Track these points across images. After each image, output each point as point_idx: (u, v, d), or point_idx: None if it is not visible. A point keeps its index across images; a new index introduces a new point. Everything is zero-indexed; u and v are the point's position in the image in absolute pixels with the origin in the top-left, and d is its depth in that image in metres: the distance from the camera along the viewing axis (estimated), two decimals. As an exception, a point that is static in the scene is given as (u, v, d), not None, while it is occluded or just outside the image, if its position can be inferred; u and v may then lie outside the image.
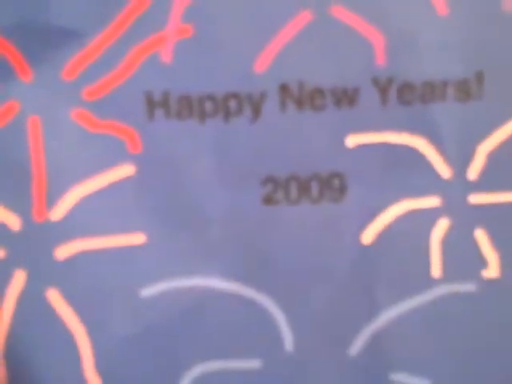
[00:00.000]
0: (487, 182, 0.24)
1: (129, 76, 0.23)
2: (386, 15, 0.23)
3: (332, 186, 0.24)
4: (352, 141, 0.24)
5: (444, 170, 0.24)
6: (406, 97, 0.23)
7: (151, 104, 0.23)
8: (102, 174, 0.24)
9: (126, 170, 0.24)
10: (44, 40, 0.23)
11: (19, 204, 0.24)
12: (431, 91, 0.23)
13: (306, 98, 0.23)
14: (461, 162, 0.24)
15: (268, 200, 0.24)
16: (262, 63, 0.23)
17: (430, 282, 0.24)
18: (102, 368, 0.25)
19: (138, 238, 0.24)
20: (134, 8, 0.22)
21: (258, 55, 0.23)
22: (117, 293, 0.24)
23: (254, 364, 0.25)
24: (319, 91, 0.23)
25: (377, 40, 0.23)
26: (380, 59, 0.23)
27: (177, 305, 0.25)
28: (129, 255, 0.24)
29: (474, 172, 0.24)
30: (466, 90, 0.23)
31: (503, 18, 0.23)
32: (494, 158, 0.24)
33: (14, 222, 0.24)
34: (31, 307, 0.24)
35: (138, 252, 0.24)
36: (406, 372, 0.25)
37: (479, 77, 0.23)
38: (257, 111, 0.24)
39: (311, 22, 0.23)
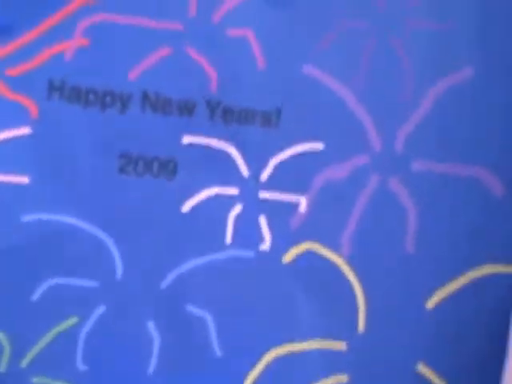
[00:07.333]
0: (273, 184, 0.35)
1: (39, 64, 0.33)
2: (220, 57, 0.34)
3: (168, 167, 0.35)
4: (186, 140, 0.35)
5: (244, 171, 0.35)
6: (227, 117, 0.35)
7: (51, 87, 0.34)
8: (8, 130, 0.34)
9: (24, 130, 0.34)
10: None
11: None
12: (245, 116, 0.35)
13: (159, 105, 0.34)
14: (257, 167, 0.35)
15: (122, 170, 0.35)
16: (133, 74, 0.34)
17: (224, 247, 0.35)
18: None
19: (23, 179, 0.34)
20: (54, 20, 0.33)
21: (132, 67, 0.34)
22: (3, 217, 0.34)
23: (93, 283, 0.35)
24: (169, 101, 0.34)
25: (212, 74, 0.34)
26: (213, 87, 0.34)
27: (43, 231, 0.35)
28: (15, 191, 0.34)
29: (265, 175, 0.35)
30: (268, 119, 0.35)
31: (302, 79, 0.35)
32: (279, 168, 0.35)
33: None
34: None
35: (22, 190, 0.34)
36: (197, 305, 0.35)
37: (278, 111, 0.35)
38: (124, 107, 0.34)
39: (169, 55, 0.34)
